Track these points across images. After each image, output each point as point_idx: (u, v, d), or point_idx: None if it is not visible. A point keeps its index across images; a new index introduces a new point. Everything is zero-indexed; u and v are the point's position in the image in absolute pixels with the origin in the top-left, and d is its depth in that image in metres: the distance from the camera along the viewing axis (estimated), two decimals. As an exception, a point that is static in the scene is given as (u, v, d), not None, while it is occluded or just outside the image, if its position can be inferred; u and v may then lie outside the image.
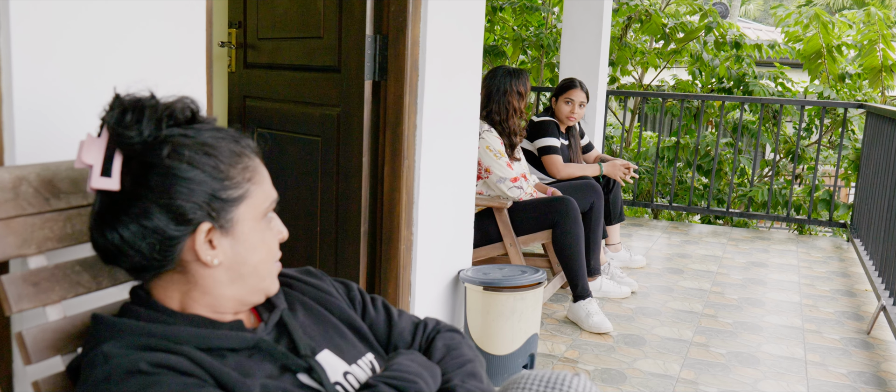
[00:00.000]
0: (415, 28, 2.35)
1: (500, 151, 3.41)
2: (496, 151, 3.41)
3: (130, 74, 1.33)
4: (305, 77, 2.65)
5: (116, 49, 1.31)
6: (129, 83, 1.05)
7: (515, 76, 3.55)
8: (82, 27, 1.24)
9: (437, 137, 2.54)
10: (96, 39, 1.27)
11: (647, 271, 4.32)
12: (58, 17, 1.19)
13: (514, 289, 2.64)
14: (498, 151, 3.41)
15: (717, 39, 6.39)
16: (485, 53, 6.75)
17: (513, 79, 3.54)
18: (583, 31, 4.78)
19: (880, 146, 4.41)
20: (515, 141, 3.53)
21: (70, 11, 1.21)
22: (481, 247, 3.50)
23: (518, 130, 3.53)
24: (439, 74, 2.50)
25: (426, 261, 2.56)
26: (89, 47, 1.26)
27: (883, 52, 6.08)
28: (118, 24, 1.31)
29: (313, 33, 2.58)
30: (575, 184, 3.73)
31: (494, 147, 3.41)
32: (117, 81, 1.22)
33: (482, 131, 3.44)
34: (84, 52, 1.25)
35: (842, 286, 4.17)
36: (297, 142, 2.72)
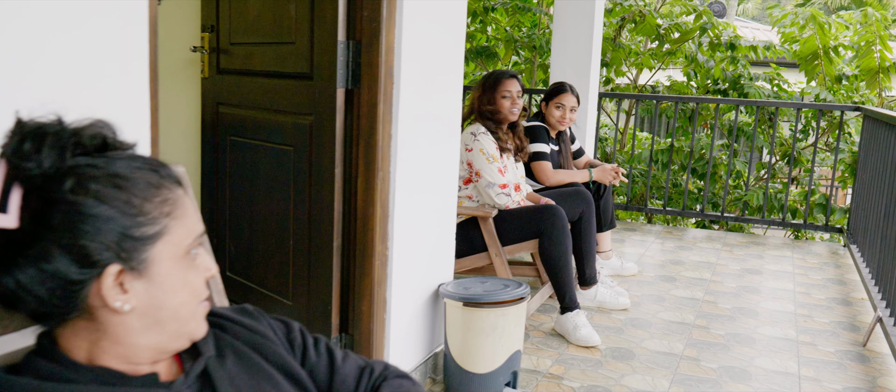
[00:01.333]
0: (389, 33, 2.25)
1: (494, 156, 3.31)
2: (489, 155, 3.30)
3: (55, 90, 1.22)
4: (278, 84, 2.55)
5: (38, 61, 1.20)
6: (52, 100, 0.94)
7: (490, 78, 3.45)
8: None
9: (415, 146, 2.44)
10: (13, 50, 1.16)
11: (639, 279, 4.21)
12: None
13: (495, 304, 2.53)
14: (491, 155, 3.30)
15: (711, 40, 6.29)
16: (476, 55, 6.65)
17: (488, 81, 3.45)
18: (574, 32, 4.67)
19: (877, 151, 4.31)
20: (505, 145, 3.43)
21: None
22: (466, 256, 3.40)
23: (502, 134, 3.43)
24: (417, 81, 2.39)
25: (403, 276, 2.46)
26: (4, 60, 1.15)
27: (880, 54, 5.97)
28: (40, 32, 1.20)
29: (285, 39, 2.48)
30: (564, 191, 3.63)
31: (488, 150, 3.31)
32: (40, 98, 1.12)
33: (477, 133, 3.34)
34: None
35: (838, 294, 4.07)
36: (269, 151, 2.61)
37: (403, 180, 2.38)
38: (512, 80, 3.46)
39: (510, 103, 3.43)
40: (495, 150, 3.32)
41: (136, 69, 1.39)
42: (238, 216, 2.81)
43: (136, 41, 1.38)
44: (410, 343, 2.56)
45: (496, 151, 3.32)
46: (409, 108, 2.36)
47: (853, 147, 5.72)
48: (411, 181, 2.44)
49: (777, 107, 5.51)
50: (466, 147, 3.36)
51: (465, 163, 3.36)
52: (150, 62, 1.41)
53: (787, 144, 6.33)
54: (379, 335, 2.40)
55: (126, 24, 1.36)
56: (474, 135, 3.36)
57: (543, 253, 3.30)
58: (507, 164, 3.49)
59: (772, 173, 6.43)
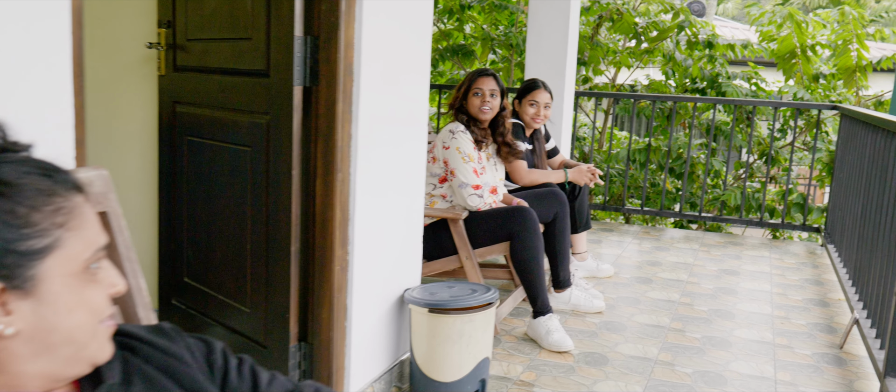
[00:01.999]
0: (349, 29, 2.15)
1: (470, 155, 3.22)
2: (465, 154, 3.21)
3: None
4: (234, 82, 2.44)
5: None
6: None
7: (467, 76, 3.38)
8: None
9: (378, 147, 2.34)
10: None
11: (614, 281, 4.14)
12: None
13: (461, 311, 2.44)
14: (467, 154, 3.22)
15: (689, 39, 6.23)
16: (453, 53, 6.56)
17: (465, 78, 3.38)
18: (549, 30, 4.59)
19: (854, 150, 4.27)
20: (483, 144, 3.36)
21: None
22: (437, 260, 3.31)
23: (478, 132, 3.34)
24: (379, 79, 2.29)
25: (365, 281, 2.36)
26: None
27: (857, 52, 5.94)
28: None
29: (242, 34, 2.37)
30: (538, 192, 3.54)
31: (465, 150, 3.22)
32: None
33: (456, 131, 3.26)
34: None
35: (815, 295, 4.01)
36: (226, 152, 2.51)
37: (365, 182, 2.29)
38: (485, 78, 3.37)
39: (480, 101, 3.35)
40: (472, 150, 3.23)
41: (57, 63, 1.28)
42: (195, 219, 2.70)
43: (57, 33, 1.27)
44: (374, 351, 2.47)
45: (473, 151, 3.24)
46: (371, 107, 2.27)
47: (830, 146, 5.68)
48: (374, 183, 2.34)
49: (755, 106, 5.46)
50: (444, 145, 3.26)
51: (441, 161, 3.27)
52: (74, 56, 1.31)
53: (765, 143, 6.29)
54: (339, 343, 2.30)
55: (46, 14, 1.25)
56: (452, 132, 3.27)
57: (514, 256, 3.22)
58: (486, 165, 3.40)
59: (750, 172, 6.39)
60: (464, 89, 3.37)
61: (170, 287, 2.88)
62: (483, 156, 3.37)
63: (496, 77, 3.40)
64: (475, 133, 3.32)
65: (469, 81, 3.36)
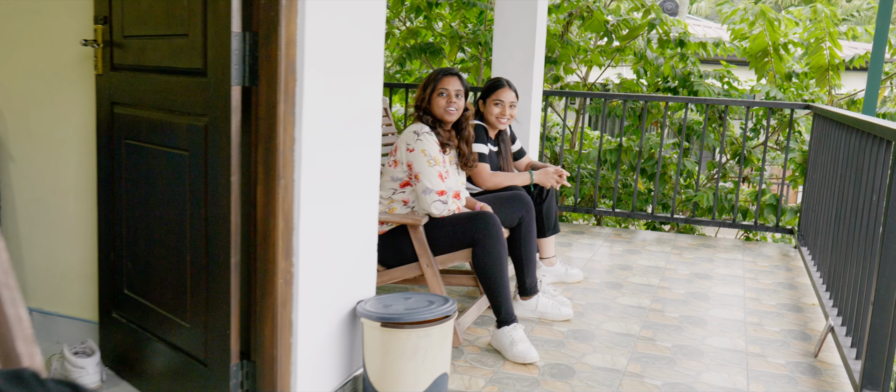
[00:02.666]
0: (290, 24, 1.99)
1: (436, 158, 3.07)
2: (431, 157, 3.07)
3: None
4: (171, 82, 2.27)
5: None
6: None
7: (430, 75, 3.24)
8: None
9: (326, 150, 2.19)
10: None
11: (584, 286, 4.01)
12: None
13: (416, 324, 2.29)
14: (433, 158, 3.07)
15: (660, 37, 6.13)
16: (420, 52, 6.40)
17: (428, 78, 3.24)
18: (516, 28, 4.46)
19: (827, 150, 4.18)
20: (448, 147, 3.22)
21: None
22: (396, 267, 3.16)
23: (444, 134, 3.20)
24: (326, 78, 2.14)
25: (313, 294, 2.20)
26: None
27: (830, 51, 5.87)
28: None
29: (178, 30, 2.20)
30: (502, 196, 3.40)
31: (430, 152, 3.08)
32: None
33: (421, 133, 3.11)
34: None
35: (788, 300, 3.91)
36: (164, 157, 2.34)
37: (311, 188, 2.13)
38: (450, 77, 3.23)
39: (445, 102, 3.21)
40: (438, 152, 3.09)
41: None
42: (135, 228, 2.53)
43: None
44: (323, 368, 2.31)
45: (439, 154, 3.09)
46: (317, 109, 2.11)
47: (803, 146, 5.61)
48: (322, 189, 2.19)
49: (727, 105, 5.37)
50: (408, 147, 3.11)
51: (404, 164, 3.12)
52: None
53: (738, 143, 6.20)
54: (284, 361, 2.14)
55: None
56: (417, 134, 3.12)
57: (477, 263, 3.08)
58: (450, 170, 3.26)
59: (722, 173, 6.30)
60: (429, 90, 3.22)
61: (110, 300, 2.70)
62: (447, 159, 3.23)
63: (461, 76, 3.26)
64: (441, 135, 3.18)
65: (433, 81, 3.22)
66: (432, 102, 3.21)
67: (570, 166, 6.08)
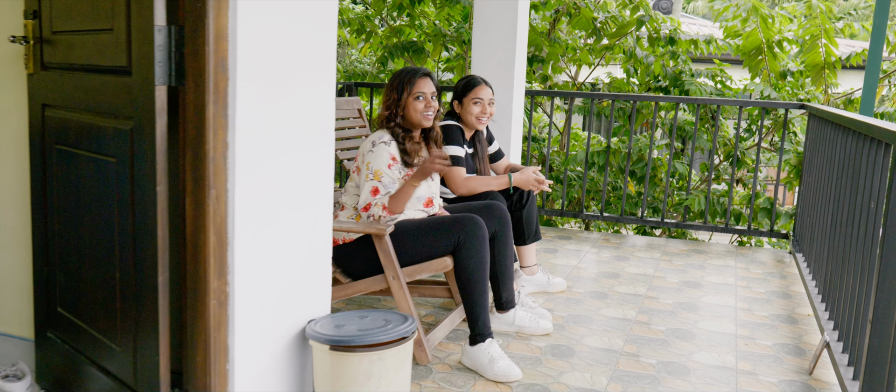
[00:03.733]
0: (219, 17, 1.79)
1: (379, 171, 2.86)
2: (372, 172, 2.86)
3: None
4: (98, 81, 2.07)
5: None
6: None
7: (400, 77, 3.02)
8: None
9: (265, 158, 1.98)
10: None
11: (567, 296, 3.80)
12: None
13: (369, 348, 2.09)
14: (376, 171, 2.86)
15: (650, 34, 5.93)
16: (403, 50, 6.20)
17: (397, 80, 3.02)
18: (496, 24, 4.25)
19: (823, 152, 3.97)
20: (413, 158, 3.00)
21: None
22: (362, 279, 2.96)
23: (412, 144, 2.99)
24: (264, 77, 1.93)
25: (251, 316, 2.00)
26: None
27: (826, 48, 5.67)
28: None
29: (103, 24, 2.00)
30: (475, 206, 3.18)
31: (376, 164, 2.87)
32: None
33: (377, 143, 2.90)
34: None
35: (782, 310, 3.70)
36: (93, 163, 2.13)
37: (248, 199, 1.92)
38: (424, 79, 3.02)
39: (423, 106, 3.00)
40: (386, 166, 2.87)
41: None
42: (67, 241, 2.32)
43: None
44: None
45: (387, 168, 2.87)
46: (254, 111, 1.90)
47: (799, 147, 5.40)
48: (261, 200, 1.98)
49: (719, 105, 5.16)
50: (364, 157, 2.93)
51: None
52: None
53: (731, 144, 6.00)
54: (219, 390, 1.93)
55: None
56: (373, 144, 2.92)
57: (459, 267, 2.88)
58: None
59: (715, 175, 6.10)
60: (405, 94, 3.00)
61: (45, 317, 2.49)
62: (413, 168, 3.01)
63: (432, 76, 3.05)
64: (407, 145, 2.96)
65: (408, 84, 3.00)
66: (408, 107, 3.00)
67: (558, 168, 5.87)
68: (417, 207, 3.05)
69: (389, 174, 2.88)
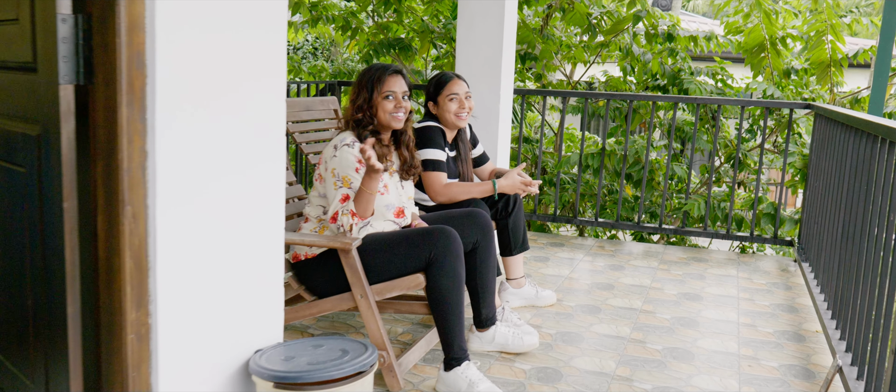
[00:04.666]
0: (133, 3, 1.52)
1: (347, 178, 2.60)
2: (342, 177, 2.60)
3: None
4: (5, 79, 1.80)
5: None
6: None
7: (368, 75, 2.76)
8: None
9: (196, 170, 1.71)
10: None
11: (556, 311, 3.54)
12: None
13: (318, 385, 1.82)
14: (345, 177, 2.60)
15: (647, 31, 5.65)
16: (389, 47, 5.93)
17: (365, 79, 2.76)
18: (482, 19, 3.98)
19: (831, 156, 3.70)
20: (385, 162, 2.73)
21: None
22: (328, 297, 2.69)
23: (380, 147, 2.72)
24: (191, 76, 1.66)
25: (181, 351, 1.73)
26: None
27: (832, 45, 5.40)
28: None
29: (9, 14, 1.73)
30: (454, 215, 2.91)
31: (342, 170, 2.60)
32: None
33: (340, 146, 2.64)
34: None
35: (788, 327, 3.44)
36: (5, 174, 1.86)
37: (176, 217, 1.65)
38: (395, 77, 2.75)
39: (394, 106, 2.73)
40: (354, 170, 2.61)
41: None
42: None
43: None
44: (203, 440, 1.84)
45: (355, 172, 2.61)
46: (180, 115, 1.63)
47: (804, 149, 5.13)
48: (193, 217, 1.71)
49: (720, 104, 4.88)
50: (327, 163, 2.66)
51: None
52: None
53: (732, 146, 5.72)
54: (142, 439, 1.67)
55: None
56: (336, 148, 2.65)
57: (431, 285, 2.62)
58: (389, 183, 2.79)
59: (716, 177, 5.83)
60: (375, 93, 2.73)
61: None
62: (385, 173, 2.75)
63: (404, 74, 2.79)
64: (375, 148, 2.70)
65: (377, 82, 2.73)
66: (378, 108, 2.73)
67: (551, 171, 5.61)
68: (387, 218, 2.79)
69: (358, 179, 2.62)
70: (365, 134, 2.70)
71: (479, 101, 3.95)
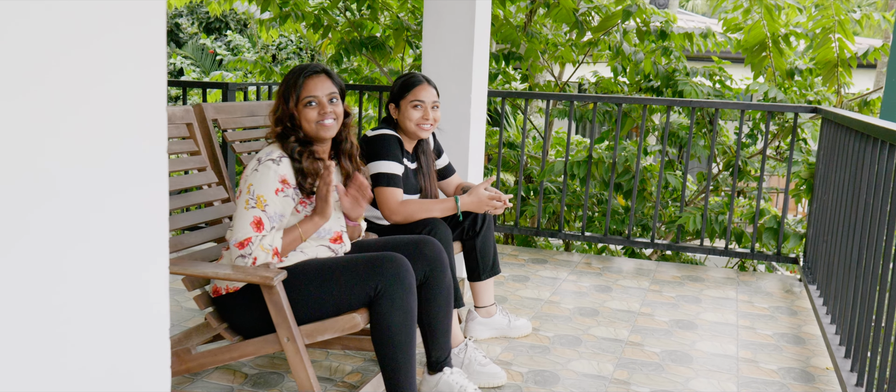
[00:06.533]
0: None
1: (262, 197, 2.18)
2: (256, 196, 2.19)
3: None
4: None
5: None
6: None
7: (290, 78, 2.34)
8: None
9: (22, 196, 1.28)
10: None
11: (532, 342, 3.12)
12: None
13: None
14: (259, 197, 2.19)
15: (638, 28, 5.24)
16: (360, 46, 5.51)
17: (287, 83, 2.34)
18: (451, 13, 3.56)
19: (842, 166, 3.29)
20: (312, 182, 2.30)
21: None
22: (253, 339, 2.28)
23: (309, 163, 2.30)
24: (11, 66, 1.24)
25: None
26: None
27: (839, 43, 4.98)
28: None
29: None
30: (403, 241, 2.48)
31: (259, 188, 2.19)
32: None
33: (264, 160, 2.23)
34: None
35: (795, 362, 3.02)
36: None
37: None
38: (315, 78, 2.33)
39: (318, 113, 2.31)
40: (274, 191, 2.20)
41: None
42: None
43: None
44: None
45: (274, 193, 2.20)
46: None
47: (810, 157, 4.71)
48: (15, 261, 1.28)
49: (718, 107, 4.46)
50: (246, 180, 2.25)
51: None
52: None
53: (732, 153, 5.30)
54: None
55: None
56: (259, 161, 2.24)
57: (377, 324, 2.22)
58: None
59: (714, 185, 5.41)
60: (292, 100, 2.31)
61: None
62: (306, 202, 2.32)
63: (330, 73, 2.36)
64: (304, 162, 2.28)
65: (293, 87, 2.31)
66: (300, 116, 2.31)
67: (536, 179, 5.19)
68: (322, 243, 2.37)
69: (278, 202, 2.20)
70: (294, 146, 2.28)
71: (448, 104, 3.54)
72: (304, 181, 2.25)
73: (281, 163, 2.22)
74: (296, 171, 2.24)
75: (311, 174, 2.26)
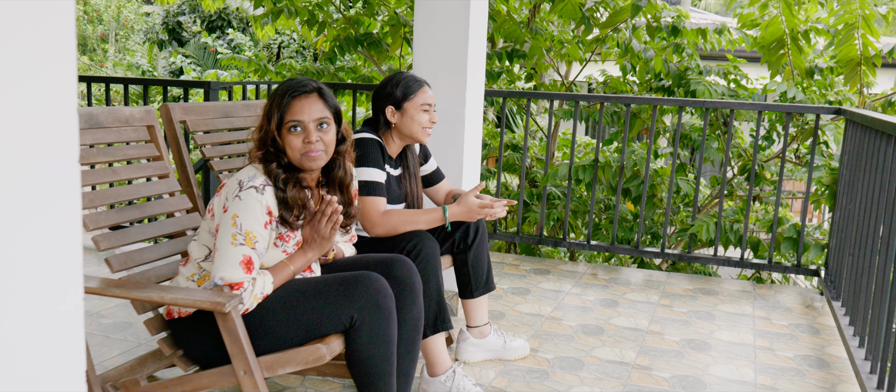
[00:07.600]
0: None
1: (251, 234, 1.91)
2: (245, 232, 1.91)
3: None
4: None
5: None
6: None
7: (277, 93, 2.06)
8: None
9: None
10: None
11: (529, 365, 2.85)
12: None
13: None
14: (249, 233, 1.91)
15: (649, 23, 4.96)
16: (357, 42, 5.25)
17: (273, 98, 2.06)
18: (444, 12, 3.30)
19: (869, 172, 3.00)
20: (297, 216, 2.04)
21: None
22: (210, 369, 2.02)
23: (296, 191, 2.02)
24: None
25: None
26: None
27: (863, 40, 4.68)
28: None
29: None
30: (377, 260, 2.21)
31: (247, 223, 1.91)
32: None
33: (245, 187, 1.94)
34: None
35: (819, 388, 2.74)
36: None
37: None
38: (303, 99, 2.02)
39: (302, 140, 2.02)
40: (262, 225, 1.93)
41: None
42: None
43: None
44: None
45: (263, 228, 1.93)
46: None
47: (832, 162, 4.41)
48: None
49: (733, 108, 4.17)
50: (223, 204, 1.97)
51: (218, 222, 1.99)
52: None
53: (747, 156, 5.01)
54: None
55: None
56: (241, 186, 1.95)
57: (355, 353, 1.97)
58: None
59: (729, 191, 5.12)
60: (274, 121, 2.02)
61: None
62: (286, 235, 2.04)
63: (324, 94, 2.07)
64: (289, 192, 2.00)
65: (278, 109, 2.02)
66: (284, 142, 2.03)
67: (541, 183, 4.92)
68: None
69: (265, 237, 1.94)
70: (277, 172, 1.99)
71: (441, 105, 3.28)
72: (289, 214, 1.97)
73: (264, 192, 1.94)
74: (279, 200, 1.97)
75: (297, 205, 1.99)
